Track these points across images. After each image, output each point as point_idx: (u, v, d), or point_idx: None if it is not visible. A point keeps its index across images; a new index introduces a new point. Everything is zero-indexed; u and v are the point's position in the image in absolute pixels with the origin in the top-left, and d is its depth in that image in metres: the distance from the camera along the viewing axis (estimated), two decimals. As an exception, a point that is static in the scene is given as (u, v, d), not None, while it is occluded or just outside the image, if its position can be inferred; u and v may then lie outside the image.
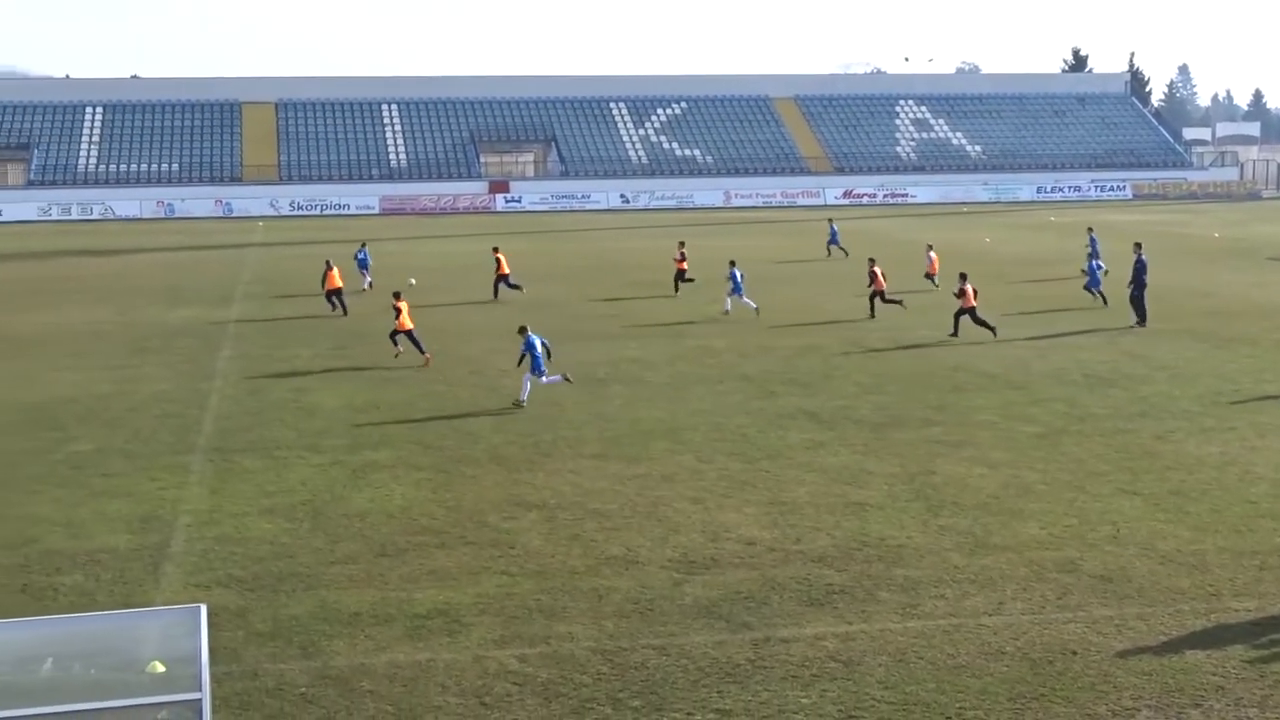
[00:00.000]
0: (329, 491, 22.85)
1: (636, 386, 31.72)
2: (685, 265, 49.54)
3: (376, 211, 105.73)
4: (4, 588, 18.25)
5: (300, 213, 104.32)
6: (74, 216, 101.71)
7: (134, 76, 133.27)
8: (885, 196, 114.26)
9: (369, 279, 51.86)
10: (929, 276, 50.53)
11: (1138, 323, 39.79)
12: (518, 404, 29.51)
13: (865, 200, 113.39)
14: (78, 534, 20.60)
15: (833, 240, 64.18)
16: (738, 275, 43.51)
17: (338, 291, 45.06)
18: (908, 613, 16.91)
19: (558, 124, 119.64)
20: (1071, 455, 24.61)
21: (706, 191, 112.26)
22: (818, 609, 17.08)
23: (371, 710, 14.38)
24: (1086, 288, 45.47)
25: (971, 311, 37.67)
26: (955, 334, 37.79)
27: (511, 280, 48.95)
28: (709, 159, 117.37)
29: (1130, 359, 34.53)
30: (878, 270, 43.02)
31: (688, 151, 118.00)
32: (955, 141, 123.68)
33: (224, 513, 21.63)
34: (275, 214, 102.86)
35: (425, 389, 31.67)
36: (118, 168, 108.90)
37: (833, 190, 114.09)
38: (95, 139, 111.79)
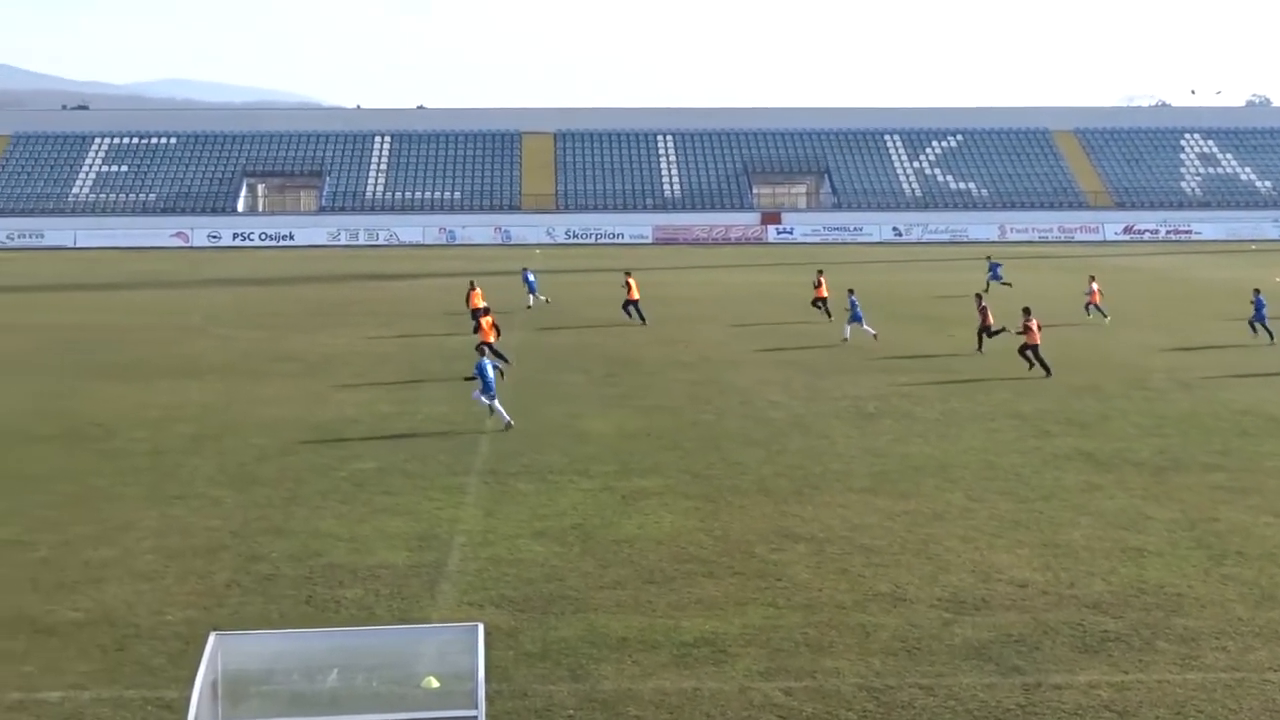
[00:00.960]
0: (599, 516, 23.18)
1: (907, 421, 31.40)
2: (824, 293, 51.41)
3: (650, 241, 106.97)
4: (290, 599, 19.01)
5: (575, 241, 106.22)
6: (361, 242, 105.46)
7: (420, 107, 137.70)
8: (1168, 233, 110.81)
9: (535, 298, 56.50)
10: (1095, 307, 51.44)
11: None
12: (507, 426, 30.48)
13: (1147, 236, 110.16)
14: (359, 549, 21.33)
15: (994, 276, 62.93)
16: (856, 304, 45.37)
17: (480, 310, 47.03)
18: (1187, 664, 16.34)
19: (831, 155, 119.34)
20: (1367, 507, 23.46)
21: (981, 225, 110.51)
22: (1092, 656, 16.63)
23: (637, 735, 14.52)
24: (1250, 322, 45.47)
25: (1034, 348, 37.81)
26: (1038, 369, 37.63)
27: (638, 306, 50.64)
28: (984, 192, 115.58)
29: None
30: (986, 306, 43.38)
31: (962, 184, 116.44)
32: (1244, 177, 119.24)
33: (498, 534, 22.13)
34: (551, 242, 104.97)
35: (695, 418, 31.90)
36: (403, 195, 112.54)
37: (1112, 226, 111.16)
38: (383, 167, 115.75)
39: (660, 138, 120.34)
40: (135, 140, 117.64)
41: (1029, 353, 37.98)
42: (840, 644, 17.08)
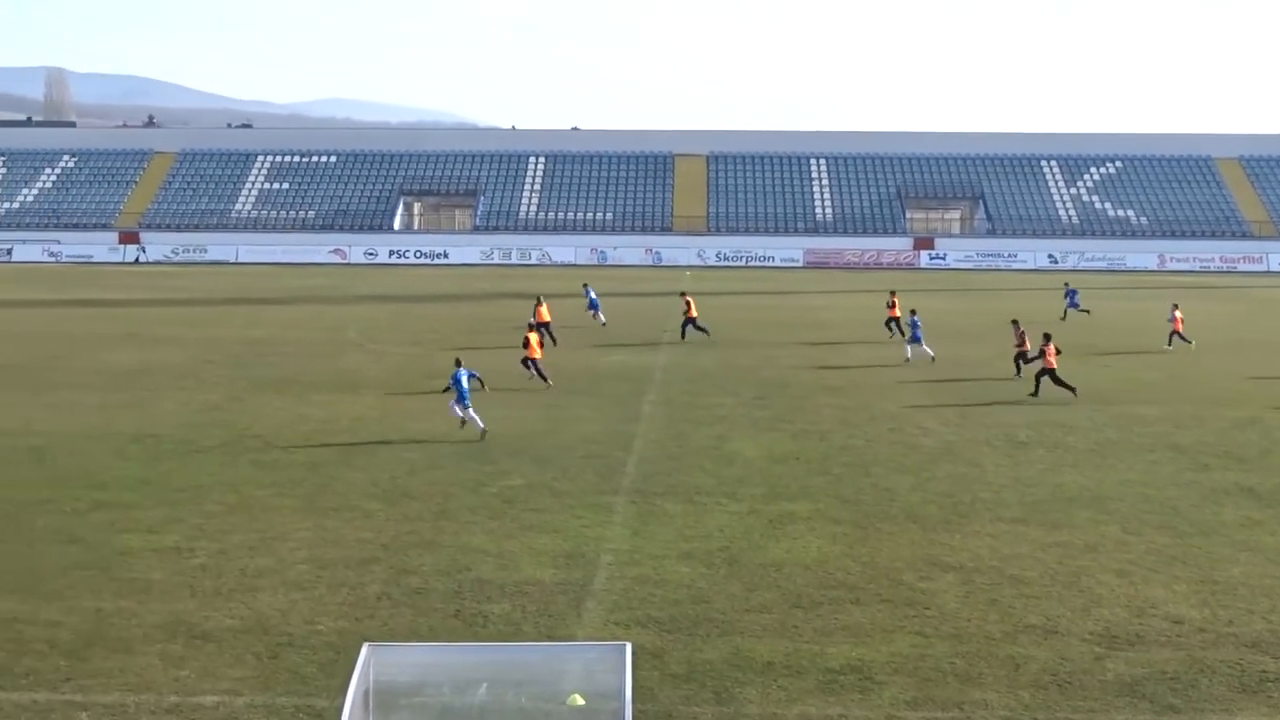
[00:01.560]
0: (745, 539, 23.14)
1: (1060, 451, 30.89)
2: (897, 313, 52.44)
3: (800, 264, 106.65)
4: (439, 612, 19.24)
5: (726, 263, 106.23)
6: (514, 261, 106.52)
7: (574, 128, 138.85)
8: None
9: (597, 316, 58.34)
10: (1179, 335, 50.93)
11: None
12: (482, 434, 31.84)
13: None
14: (507, 565, 21.52)
15: (1071, 304, 62.24)
16: (918, 325, 46.78)
17: (546, 325, 49.50)
18: (1351, 709, 15.84)
19: (986, 181, 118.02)
20: None
21: (1139, 254, 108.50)
22: (1250, 696, 16.21)
23: (781, 761, 14.44)
24: None
25: (1052, 373, 38.22)
26: (1035, 393, 38.23)
27: (699, 323, 52.47)
28: (1143, 220, 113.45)
29: None
30: (1024, 331, 43.57)
31: (1121, 212, 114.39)
32: None
33: (644, 554, 22.19)
34: (702, 264, 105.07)
35: (844, 442, 31.70)
36: (556, 215, 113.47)
37: (1277, 256, 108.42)
38: (537, 187, 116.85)
39: (813, 161, 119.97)
40: (296, 158, 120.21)
41: (1046, 376, 38.26)
42: (989, 675, 16.84)
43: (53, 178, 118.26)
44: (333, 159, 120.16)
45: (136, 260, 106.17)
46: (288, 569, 21.32)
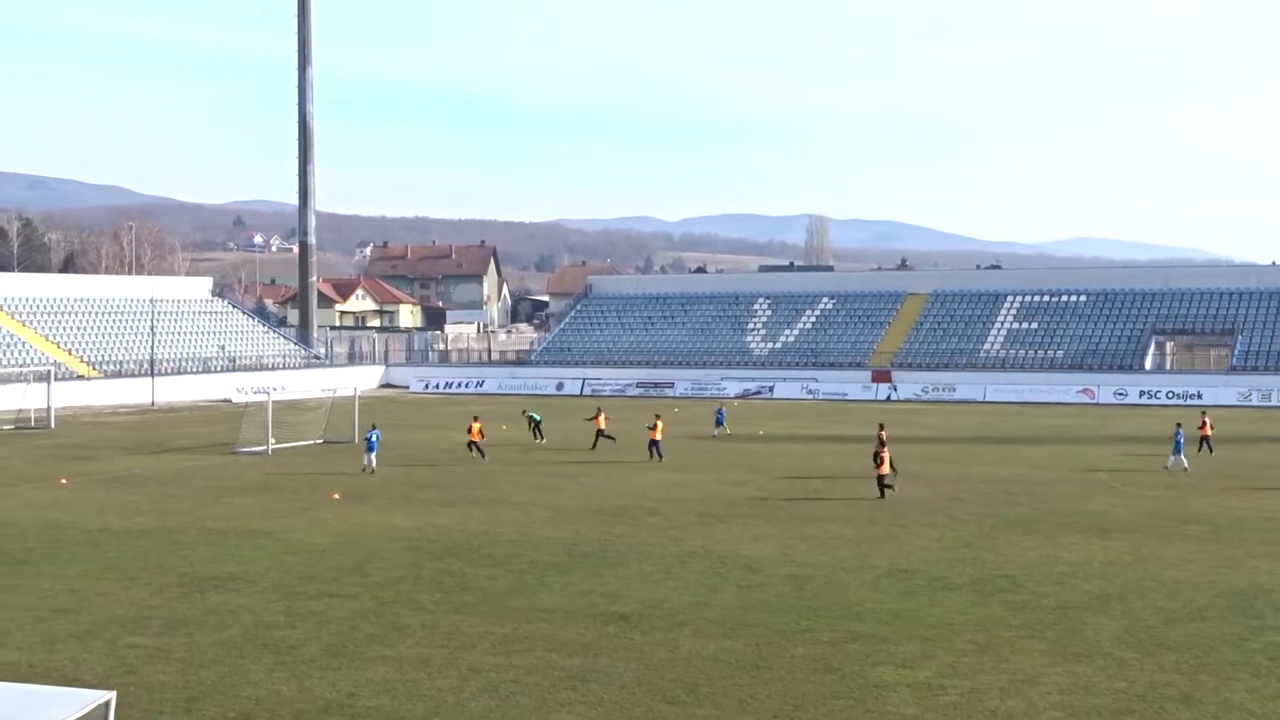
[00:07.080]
0: None
1: None
2: (1209, 432, 58.05)
3: None
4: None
5: None
6: (1273, 403, 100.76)
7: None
8: None
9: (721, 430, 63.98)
10: None
11: None
12: (371, 471, 51.10)
13: None
14: (1274, 728, 20.27)
15: None
16: (1181, 437, 53.87)
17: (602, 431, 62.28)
18: None
19: None
20: None
21: None
22: None
23: None
24: None
25: (880, 477, 45.88)
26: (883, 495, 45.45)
27: (658, 445, 58.57)
28: None
29: None
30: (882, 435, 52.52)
31: None
32: None
33: None
34: None
35: None
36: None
37: None
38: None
39: None
40: (1045, 298, 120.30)
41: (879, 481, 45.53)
42: None
43: (812, 319, 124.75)
44: (1082, 298, 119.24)
45: (888, 398, 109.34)
46: (1038, 714, 21.10)
